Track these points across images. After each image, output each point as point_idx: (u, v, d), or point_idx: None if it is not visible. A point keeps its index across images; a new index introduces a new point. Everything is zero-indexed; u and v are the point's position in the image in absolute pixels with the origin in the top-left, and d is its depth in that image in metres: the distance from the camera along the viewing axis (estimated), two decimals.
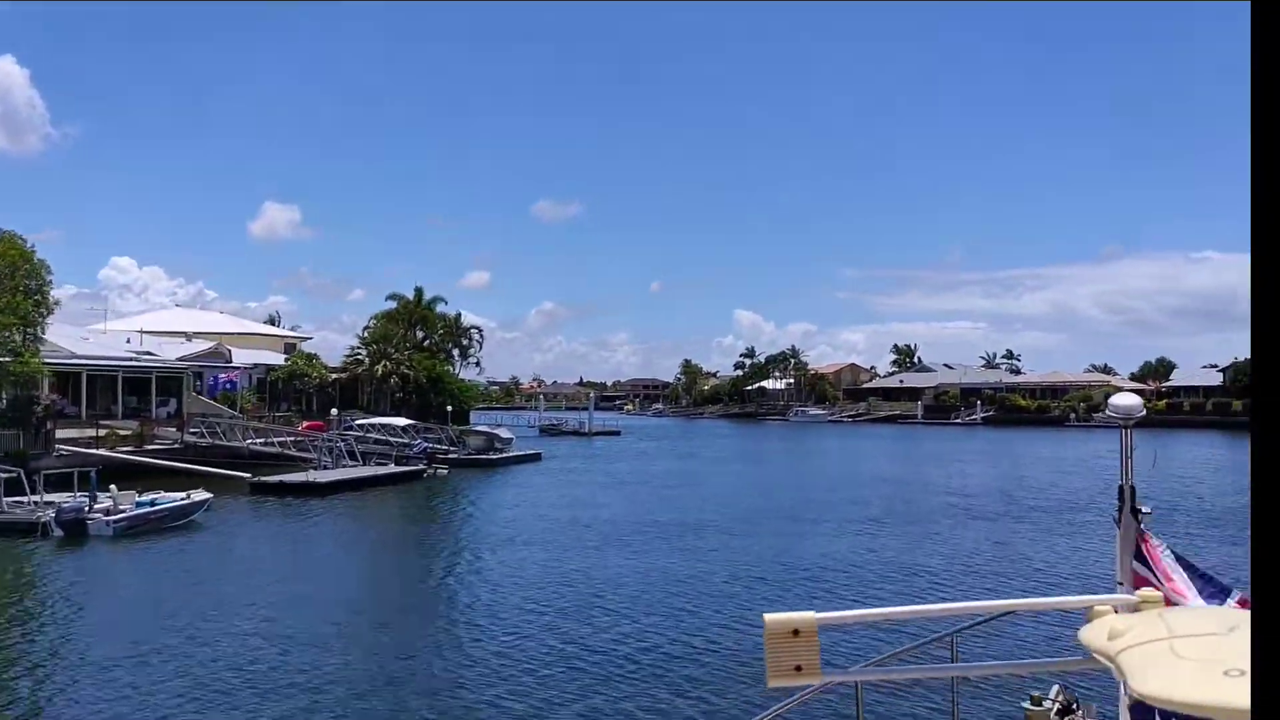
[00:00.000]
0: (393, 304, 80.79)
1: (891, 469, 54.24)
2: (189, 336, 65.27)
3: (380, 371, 72.02)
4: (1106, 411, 4.36)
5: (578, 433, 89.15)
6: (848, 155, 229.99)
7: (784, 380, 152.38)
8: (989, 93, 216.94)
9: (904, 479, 46.91)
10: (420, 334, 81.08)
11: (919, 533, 28.58)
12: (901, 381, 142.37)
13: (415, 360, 74.40)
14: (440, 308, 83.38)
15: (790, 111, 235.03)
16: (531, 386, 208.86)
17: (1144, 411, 4.35)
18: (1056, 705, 5.29)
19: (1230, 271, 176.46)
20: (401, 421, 54.88)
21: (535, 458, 57.08)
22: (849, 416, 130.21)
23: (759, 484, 45.35)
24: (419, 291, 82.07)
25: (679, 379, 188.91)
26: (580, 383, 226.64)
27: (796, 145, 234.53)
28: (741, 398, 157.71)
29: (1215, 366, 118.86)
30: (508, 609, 18.27)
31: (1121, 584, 4.30)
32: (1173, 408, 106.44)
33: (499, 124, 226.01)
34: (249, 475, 38.79)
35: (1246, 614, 2.85)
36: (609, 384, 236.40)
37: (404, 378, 72.36)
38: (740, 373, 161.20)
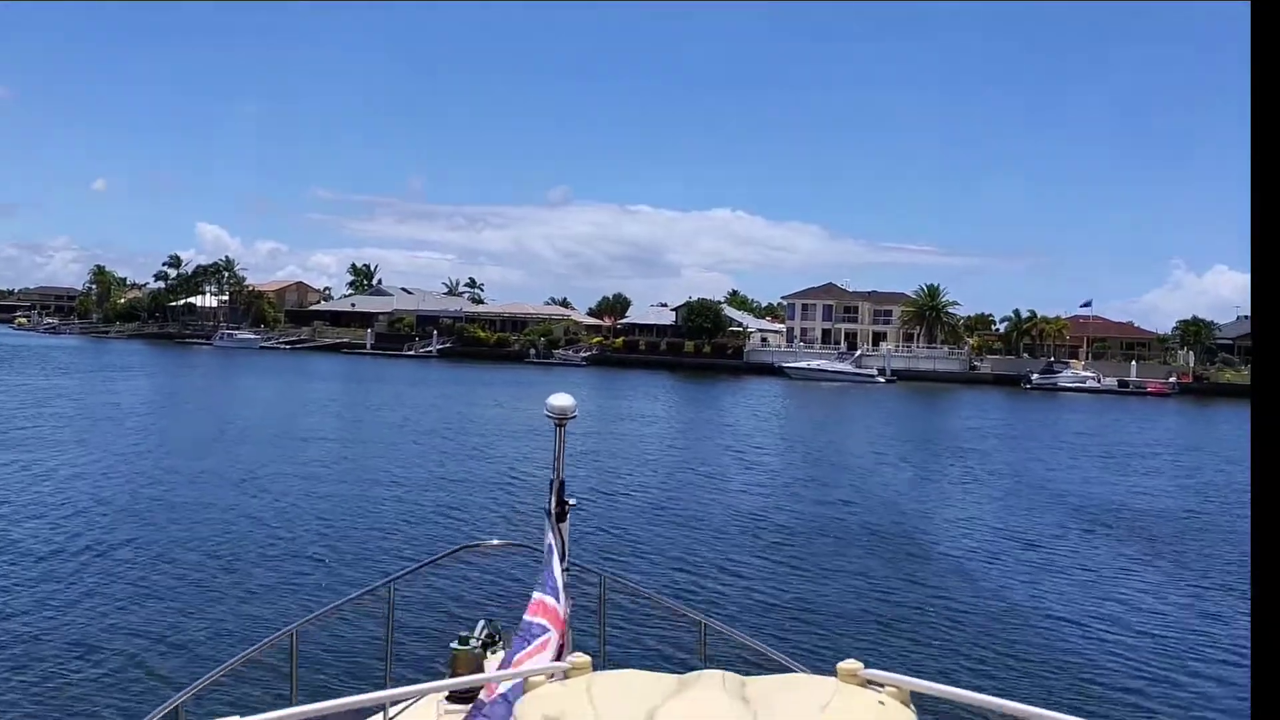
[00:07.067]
0: None
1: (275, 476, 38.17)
2: None
3: None
4: (545, 411, 3.82)
5: None
6: (313, 75, 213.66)
7: (218, 298, 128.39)
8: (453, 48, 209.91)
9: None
10: None
11: None
12: (354, 305, 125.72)
13: None
14: None
15: (261, 24, 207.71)
16: None
17: (577, 414, 3.89)
18: (482, 640, 4.98)
19: (657, 225, 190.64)
20: None
21: None
22: (286, 343, 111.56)
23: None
24: None
25: (89, 288, 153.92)
26: None
27: (261, 53, 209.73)
28: (165, 315, 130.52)
29: (666, 305, 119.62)
30: None
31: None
32: (629, 346, 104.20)
33: None
34: None
35: (678, 678, 2.39)
36: (14, 291, 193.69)
37: None
38: (163, 285, 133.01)
